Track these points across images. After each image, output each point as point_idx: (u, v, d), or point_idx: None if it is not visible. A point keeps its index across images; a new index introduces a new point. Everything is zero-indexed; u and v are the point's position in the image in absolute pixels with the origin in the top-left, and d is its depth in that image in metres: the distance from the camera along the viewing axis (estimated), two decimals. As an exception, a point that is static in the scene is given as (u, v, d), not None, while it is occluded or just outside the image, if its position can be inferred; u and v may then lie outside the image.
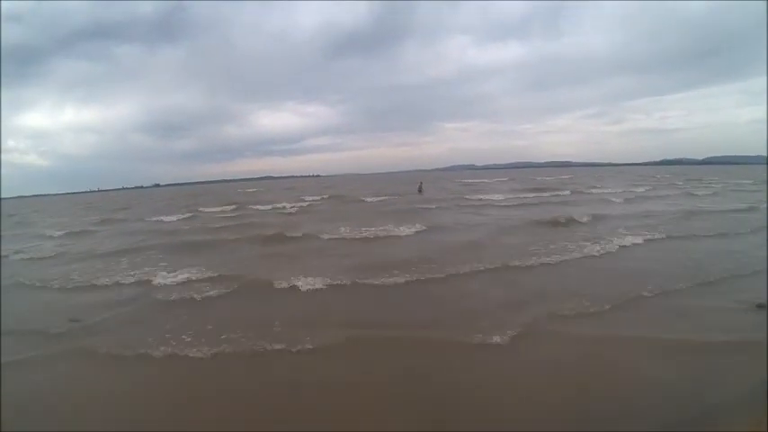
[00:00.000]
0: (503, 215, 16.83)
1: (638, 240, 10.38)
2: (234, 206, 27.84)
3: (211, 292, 7.25)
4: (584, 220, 13.89)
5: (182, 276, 8.38)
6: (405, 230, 12.90)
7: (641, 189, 29.77)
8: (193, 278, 8.24)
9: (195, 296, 7.08)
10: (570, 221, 13.56)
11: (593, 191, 29.09)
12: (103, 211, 33.45)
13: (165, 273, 8.73)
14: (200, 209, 27.05)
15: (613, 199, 22.48)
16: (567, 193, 28.53)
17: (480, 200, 24.56)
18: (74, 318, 6.30)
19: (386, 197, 29.88)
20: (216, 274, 8.40)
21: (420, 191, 34.34)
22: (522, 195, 27.63)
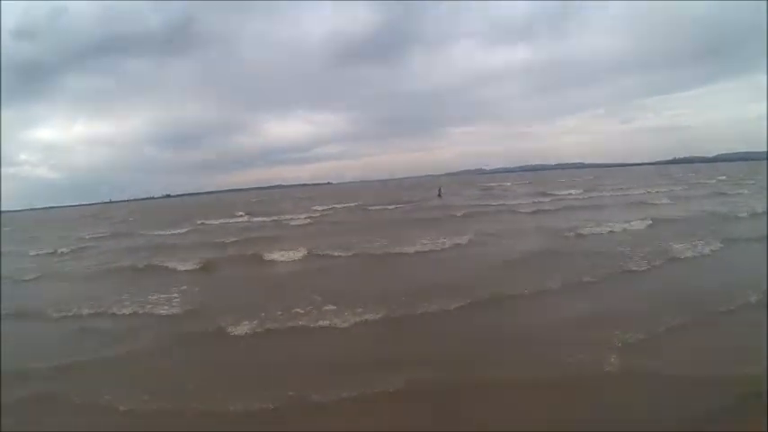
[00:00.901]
0: (543, 222, 15.30)
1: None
2: (261, 217, 26.34)
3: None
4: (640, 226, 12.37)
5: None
6: (448, 242, 11.36)
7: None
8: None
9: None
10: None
11: (628, 192, 27.69)
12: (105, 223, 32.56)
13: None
14: (205, 221, 25.59)
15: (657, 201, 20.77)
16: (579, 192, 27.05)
17: (505, 205, 23.13)
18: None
19: (404, 204, 28.55)
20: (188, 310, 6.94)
21: (439, 195, 33.89)
22: (547, 199, 26.08)
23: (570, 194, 28.43)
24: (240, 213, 29.05)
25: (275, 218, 24.30)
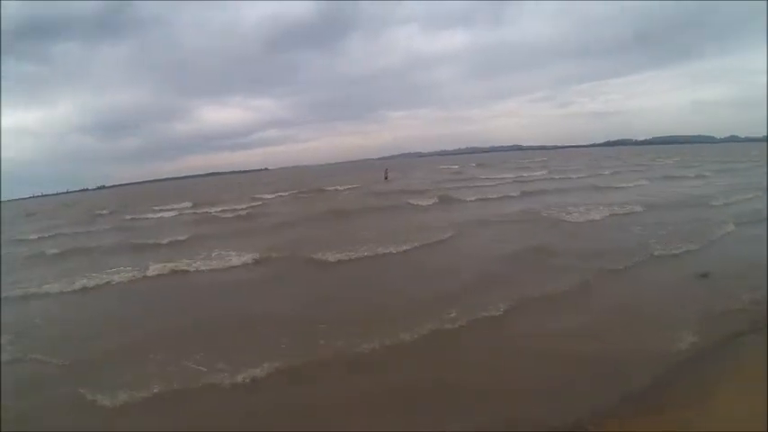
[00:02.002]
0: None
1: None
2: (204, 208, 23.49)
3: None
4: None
5: None
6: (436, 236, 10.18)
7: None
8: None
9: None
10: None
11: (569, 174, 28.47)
12: None
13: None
14: (135, 216, 22.40)
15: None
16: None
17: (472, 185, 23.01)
18: None
19: (356, 185, 28.59)
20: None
21: (386, 178, 34.95)
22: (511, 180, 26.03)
23: (534, 176, 29.02)
24: (181, 205, 25.76)
25: (209, 210, 21.61)
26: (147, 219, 20.52)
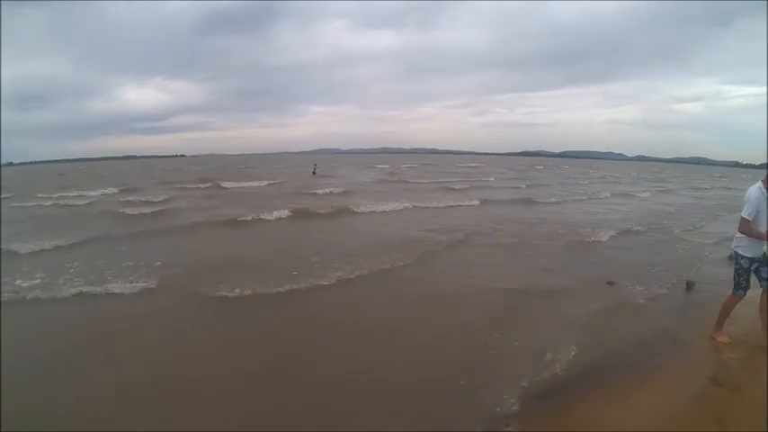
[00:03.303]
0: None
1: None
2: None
3: None
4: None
5: None
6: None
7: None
8: None
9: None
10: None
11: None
12: None
13: None
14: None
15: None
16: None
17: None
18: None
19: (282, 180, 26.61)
20: None
21: (314, 173, 34.35)
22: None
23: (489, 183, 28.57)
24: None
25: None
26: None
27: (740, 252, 4.19)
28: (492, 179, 31.30)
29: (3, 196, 19.16)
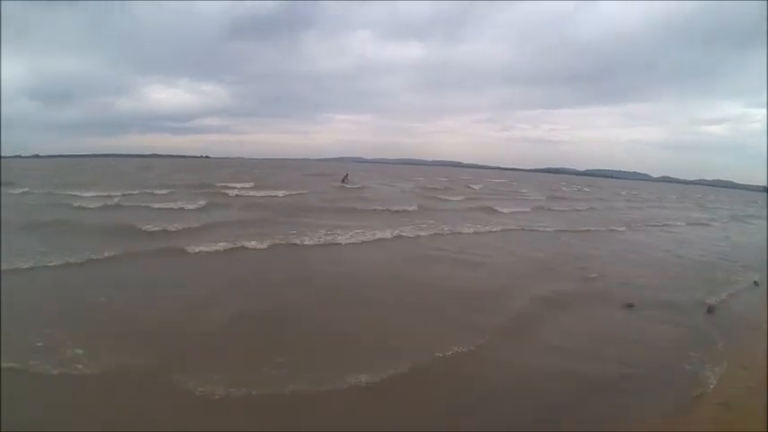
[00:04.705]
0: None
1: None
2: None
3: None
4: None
5: None
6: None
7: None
8: None
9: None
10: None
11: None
12: None
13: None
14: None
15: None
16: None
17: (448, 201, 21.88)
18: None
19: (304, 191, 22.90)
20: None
21: (344, 181, 32.17)
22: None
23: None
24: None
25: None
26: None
27: None
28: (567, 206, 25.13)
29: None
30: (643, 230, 15.87)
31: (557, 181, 74.57)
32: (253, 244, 9.12)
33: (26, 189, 19.30)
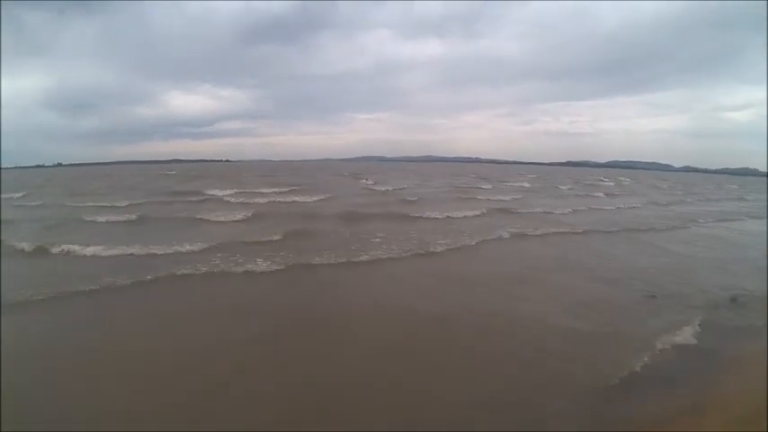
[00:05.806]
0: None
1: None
2: None
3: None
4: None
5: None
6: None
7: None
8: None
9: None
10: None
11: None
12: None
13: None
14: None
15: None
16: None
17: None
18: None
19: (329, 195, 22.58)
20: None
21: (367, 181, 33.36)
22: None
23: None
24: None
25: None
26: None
27: None
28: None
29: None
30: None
31: (582, 174, 72.69)
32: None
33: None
